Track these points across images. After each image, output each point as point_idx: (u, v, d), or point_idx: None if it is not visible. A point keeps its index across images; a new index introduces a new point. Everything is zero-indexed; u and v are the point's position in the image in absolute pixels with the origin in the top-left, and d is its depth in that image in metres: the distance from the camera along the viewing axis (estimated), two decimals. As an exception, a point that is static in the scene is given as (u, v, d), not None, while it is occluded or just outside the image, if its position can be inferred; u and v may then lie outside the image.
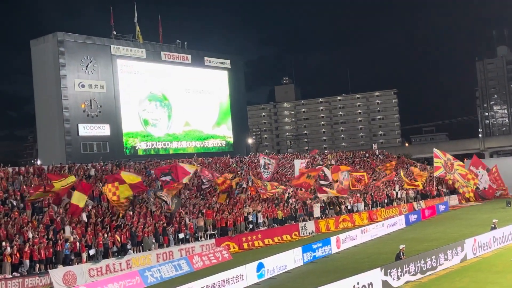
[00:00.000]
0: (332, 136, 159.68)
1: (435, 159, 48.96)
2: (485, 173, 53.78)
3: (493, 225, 27.92)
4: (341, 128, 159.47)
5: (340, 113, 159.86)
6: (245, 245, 33.57)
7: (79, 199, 28.00)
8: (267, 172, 42.72)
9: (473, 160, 55.24)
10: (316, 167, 46.78)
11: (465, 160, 58.16)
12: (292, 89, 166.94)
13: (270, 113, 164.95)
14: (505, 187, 55.50)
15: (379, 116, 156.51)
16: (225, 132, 59.05)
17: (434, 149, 50.12)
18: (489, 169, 54.41)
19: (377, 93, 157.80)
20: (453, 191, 54.44)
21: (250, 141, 68.71)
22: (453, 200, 52.95)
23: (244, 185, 41.61)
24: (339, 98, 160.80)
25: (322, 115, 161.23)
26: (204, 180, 38.59)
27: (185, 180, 34.08)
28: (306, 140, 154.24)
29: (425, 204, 48.75)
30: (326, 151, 73.53)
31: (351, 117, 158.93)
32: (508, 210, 43.34)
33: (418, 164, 64.94)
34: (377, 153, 65.25)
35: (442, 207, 47.82)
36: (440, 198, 51.43)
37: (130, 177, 30.04)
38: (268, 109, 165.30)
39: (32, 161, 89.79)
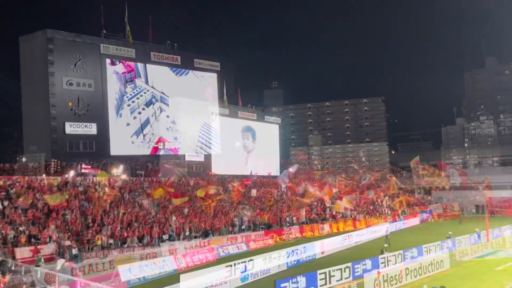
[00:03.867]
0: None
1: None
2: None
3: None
4: (329, 134, 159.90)
5: (328, 119, 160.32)
6: (230, 248, 33.55)
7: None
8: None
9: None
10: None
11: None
12: (281, 94, 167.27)
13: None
14: None
15: (366, 123, 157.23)
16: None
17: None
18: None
19: (365, 100, 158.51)
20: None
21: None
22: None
23: (230, 188, 41.66)
24: (327, 104, 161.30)
25: (310, 120, 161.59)
26: None
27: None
28: (293, 145, 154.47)
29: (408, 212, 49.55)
30: (313, 157, 73.69)
31: (339, 123, 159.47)
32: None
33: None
34: (363, 160, 65.50)
35: (425, 216, 48.81)
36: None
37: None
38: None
39: (17, 158, 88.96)
